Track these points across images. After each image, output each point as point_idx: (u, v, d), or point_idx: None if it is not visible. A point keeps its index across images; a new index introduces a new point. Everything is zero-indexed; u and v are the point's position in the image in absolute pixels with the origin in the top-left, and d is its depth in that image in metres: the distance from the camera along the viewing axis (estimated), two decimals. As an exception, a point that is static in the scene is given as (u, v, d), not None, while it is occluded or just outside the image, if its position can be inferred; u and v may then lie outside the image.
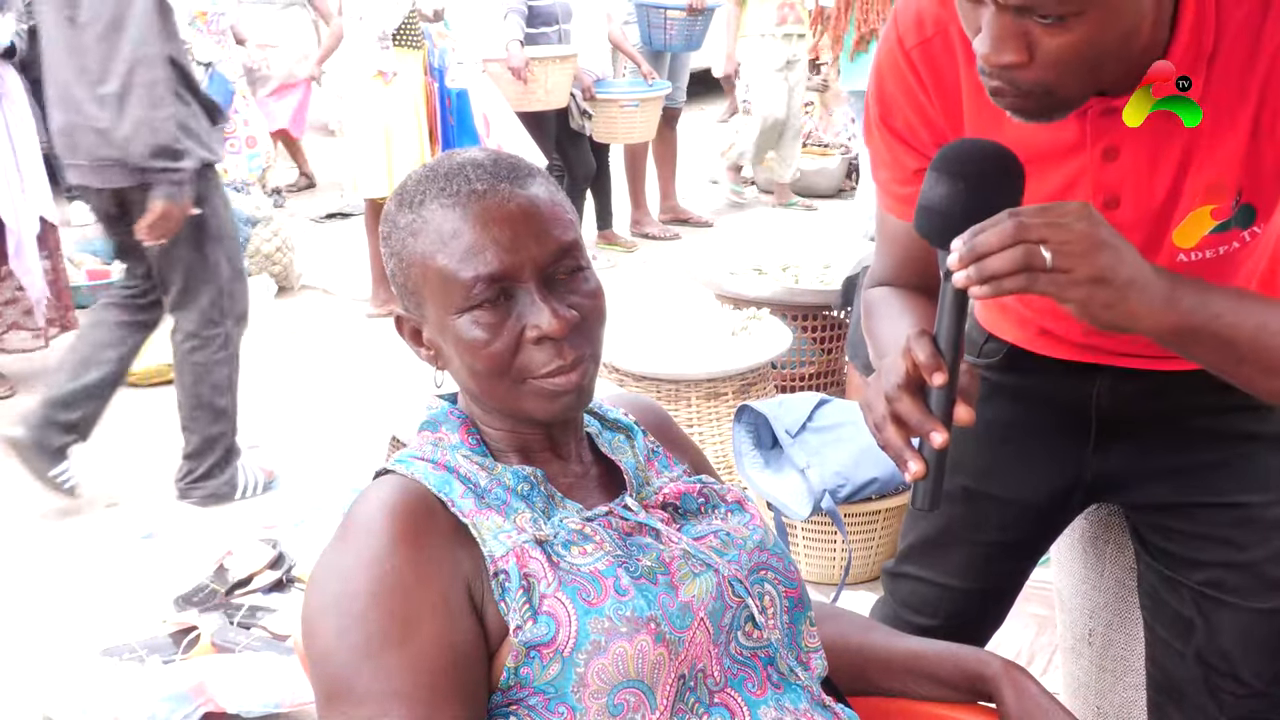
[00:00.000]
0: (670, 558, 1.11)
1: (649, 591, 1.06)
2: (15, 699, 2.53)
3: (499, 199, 1.08)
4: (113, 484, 3.64)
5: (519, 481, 1.12)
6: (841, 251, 4.20)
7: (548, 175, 1.15)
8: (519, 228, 1.07)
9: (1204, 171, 1.23)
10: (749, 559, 1.16)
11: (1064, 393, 1.52)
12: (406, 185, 1.13)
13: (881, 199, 1.43)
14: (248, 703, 2.40)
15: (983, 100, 1.25)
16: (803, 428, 2.91)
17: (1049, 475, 1.57)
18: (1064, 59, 1.08)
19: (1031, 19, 1.06)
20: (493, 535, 1.06)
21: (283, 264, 5.67)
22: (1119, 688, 1.89)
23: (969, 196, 1.07)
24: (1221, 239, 1.27)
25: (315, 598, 1.05)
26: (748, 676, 1.11)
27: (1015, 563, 1.66)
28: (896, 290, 1.42)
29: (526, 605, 1.03)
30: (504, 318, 1.08)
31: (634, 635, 1.03)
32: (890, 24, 1.33)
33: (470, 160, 1.12)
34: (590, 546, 1.08)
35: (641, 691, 1.02)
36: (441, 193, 1.09)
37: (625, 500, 1.15)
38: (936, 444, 1.07)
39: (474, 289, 1.06)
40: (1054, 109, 1.15)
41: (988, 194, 1.07)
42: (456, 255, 1.07)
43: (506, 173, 1.10)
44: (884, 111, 1.35)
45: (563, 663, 1.02)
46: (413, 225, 1.10)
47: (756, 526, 1.20)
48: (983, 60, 1.11)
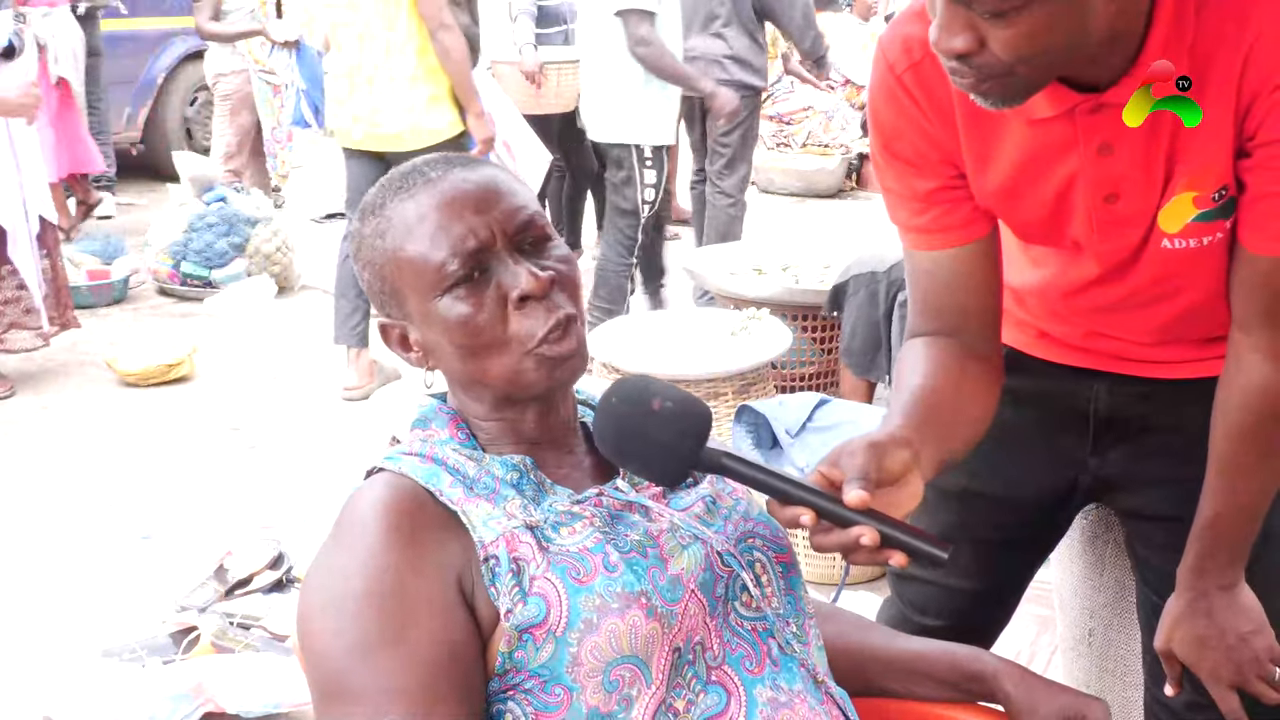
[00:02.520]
0: (658, 531, 1.12)
1: (638, 565, 1.07)
2: (15, 699, 2.53)
3: (456, 180, 1.13)
4: (113, 484, 3.64)
5: (508, 470, 1.12)
6: (842, 251, 4.20)
7: (499, 164, 1.18)
8: (481, 202, 1.11)
9: (1193, 161, 1.23)
10: (734, 528, 1.17)
11: (1063, 396, 1.53)
12: (366, 200, 1.18)
13: (904, 238, 1.41)
14: (248, 703, 2.40)
15: (976, 116, 1.26)
16: (803, 428, 2.91)
17: (1048, 476, 1.57)
18: (1011, 50, 1.09)
19: (976, 12, 1.08)
20: (482, 522, 1.06)
21: (283, 264, 5.67)
22: (1119, 688, 1.89)
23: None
24: (1206, 229, 1.28)
25: (310, 598, 1.05)
26: (746, 653, 1.12)
27: (1018, 563, 1.67)
28: (920, 345, 1.38)
29: (516, 588, 1.03)
30: (483, 289, 1.10)
31: (625, 611, 1.03)
32: (878, 54, 1.33)
33: (422, 160, 1.17)
34: (579, 525, 1.09)
35: (636, 666, 1.03)
36: (400, 190, 1.14)
37: (616, 483, 1.15)
38: (865, 543, 1.03)
39: (449, 267, 1.09)
40: (1014, 94, 1.15)
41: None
42: (425, 239, 1.10)
43: (458, 161, 1.15)
44: (885, 140, 1.35)
45: (556, 643, 1.02)
46: (378, 228, 1.14)
47: (740, 496, 1.21)
48: (933, 47, 1.13)
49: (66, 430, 4.07)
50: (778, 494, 1.07)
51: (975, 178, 1.33)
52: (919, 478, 1.13)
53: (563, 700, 1.02)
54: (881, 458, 1.09)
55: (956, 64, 1.12)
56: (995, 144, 1.29)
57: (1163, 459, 1.49)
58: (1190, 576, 1.39)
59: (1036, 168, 1.29)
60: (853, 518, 1.04)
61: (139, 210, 7.09)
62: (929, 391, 1.29)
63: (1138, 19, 1.16)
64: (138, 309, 5.47)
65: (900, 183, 1.37)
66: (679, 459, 1.08)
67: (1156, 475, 1.50)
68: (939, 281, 1.38)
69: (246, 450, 3.90)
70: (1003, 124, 1.27)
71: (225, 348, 4.87)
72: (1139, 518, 1.57)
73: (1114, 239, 1.32)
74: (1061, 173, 1.28)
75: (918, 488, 1.12)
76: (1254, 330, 1.28)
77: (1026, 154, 1.28)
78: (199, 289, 5.52)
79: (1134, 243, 1.32)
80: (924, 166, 1.34)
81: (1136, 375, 1.48)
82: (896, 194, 1.38)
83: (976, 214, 1.36)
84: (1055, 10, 1.06)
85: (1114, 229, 1.30)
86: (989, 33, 1.08)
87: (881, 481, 1.07)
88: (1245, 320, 1.29)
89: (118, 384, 4.48)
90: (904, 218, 1.39)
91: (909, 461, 1.11)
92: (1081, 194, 1.28)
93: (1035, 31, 1.07)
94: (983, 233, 1.37)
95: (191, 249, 5.56)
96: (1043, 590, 2.15)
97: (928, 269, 1.39)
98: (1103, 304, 1.43)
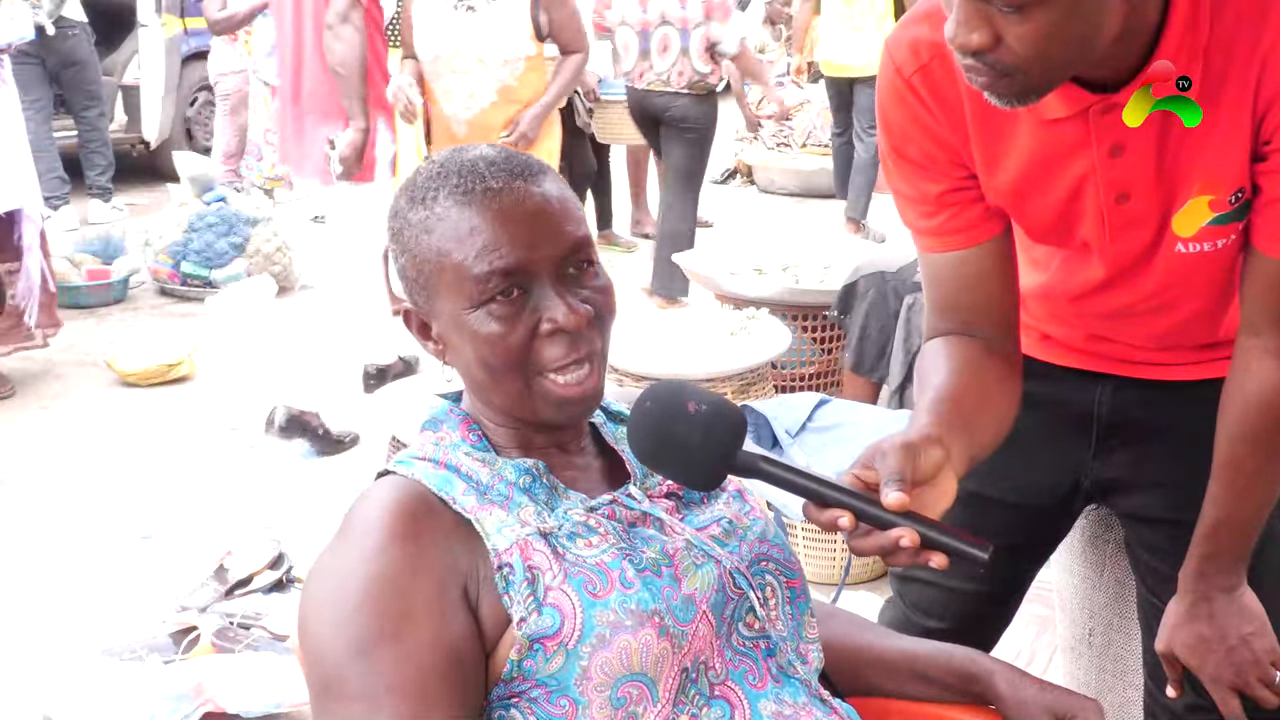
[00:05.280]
0: (674, 549, 1.12)
1: (653, 584, 1.07)
2: (15, 699, 2.53)
3: (515, 196, 1.09)
4: (113, 484, 3.64)
5: (520, 475, 1.12)
6: (842, 251, 4.20)
7: (556, 173, 1.15)
8: (535, 224, 1.08)
9: (1206, 165, 1.23)
10: (750, 550, 1.16)
11: (1067, 398, 1.52)
12: (416, 181, 1.13)
13: (917, 241, 1.41)
14: (248, 703, 2.40)
15: (987, 116, 1.26)
16: (803, 428, 2.91)
17: (1051, 479, 1.57)
18: (1028, 46, 1.08)
19: (994, 7, 1.07)
20: (496, 530, 1.06)
21: (283, 264, 5.67)
22: (1119, 688, 1.89)
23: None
24: (1220, 232, 1.28)
25: (311, 595, 1.05)
26: (749, 669, 1.12)
27: (1020, 565, 1.66)
28: (939, 345, 1.38)
29: (531, 597, 1.03)
30: (519, 311, 1.08)
31: (638, 629, 1.03)
32: (885, 57, 1.33)
33: (482, 157, 1.12)
34: (595, 539, 1.08)
35: (645, 685, 1.03)
36: (456, 189, 1.09)
37: (629, 489, 1.15)
38: (905, 545, 1.02)
39: (490, 283, 1.07)
40: (1028, 91, 1.15)
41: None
42: (473, 251, 1.07)
43: (520, 170, 1.11)
44: (895, 143, 1.35)
45: (566, 655, 1.02)
46: (426, 222, 1.10)
47: (757, 517, 1.21)
48: (949, 43, 1.12)
49: (66, 430, 4.07)
50: (815, 497, 1.06)
51: (985, 178, 1.33)
52: (952, 476, 1.12)
53: (567, 712, 1.02)
54: (916, 457, 1.08)
55: (972, 61, 1.12)
56: (1006, 144, 1.29)
57: (1165, 461, 1.49)
58: (1193, 579, 1.39)
59: (1048, 168, 1.29)
60: (891, 519, 1.03)
61: (139, 210, 7.09)
62: (953, 389, 1.28)
63: (1151, 18, 1.16)
64: (138, 309, 5.47)
65: (910, 185, 1.36)
66: (715, 463, 1.07)
67: (1158, 478, 1.50)
68: (954, 282, 1.37)
69: (246, 450, 3.90)
70: (1013, 124, 1.27)
71: (225, 348, 4.87)
72: (1140, 519, 1.57)
73: (1125, 240, 1.32)
74: (1073, 173, 1.28)
75: (951, 486, 1.12)
76: (1264, 333, 1.28)
77: (1037, 154, 1.28)
78: (199, 289, 5.52)
79: (1144, 244, 1.32)
80: (933, 168, 1.34)
81: (1140, 378, 1.48)
82: (907, 197, 1.38)
83: (988, 214, 1.35)
84: (1071, 5, 1.06)
85: (1125, 230, 1.30)
86: (1006, 28, 1.08)
87: (916, 481, 1.07)
88: (1256, 323, 1.29)
89: (118, 384, 4.48)
90: (915, 220, 1.39)
91: (941, 460, 1.11)
92: (1093, 195, 1.28)
93: (1052, 27, 1.07)
94: (995, 232, 1.36)
95: (191, 249, 5.56)
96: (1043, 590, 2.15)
97: (942, 271, 1.38)
98: (1107, 309, 1.42)
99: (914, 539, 1.01)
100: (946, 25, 1.12)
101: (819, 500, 1.05)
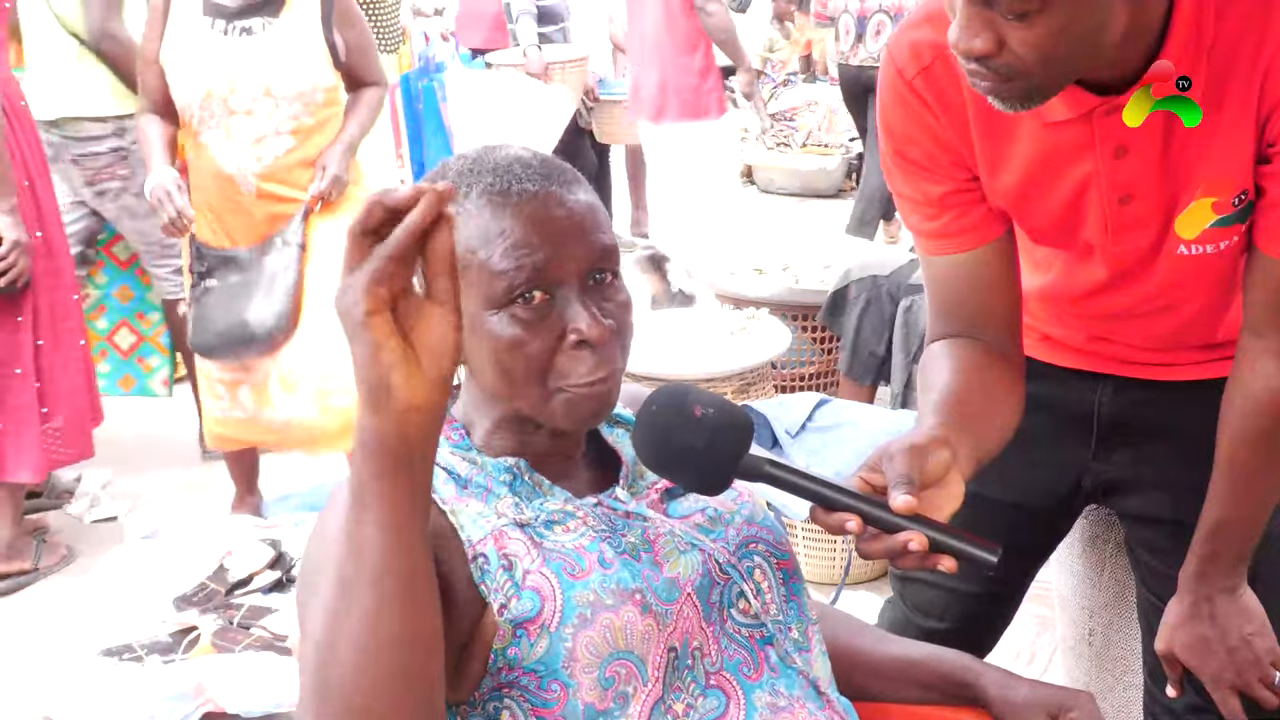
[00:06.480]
0: (654, 535, 1.12)
1: (632, 566, 1.07)
2: (15, 699, 2.53)
3: (550, 202, 1.08)
4: (112, 483, 3.64)
5: (502, 471, 1.12)
6: (842, 252, 4.20)
7: (586, 181, 1.14)
8: (567, 231, 1.07)
9: (1210, 167, 1.23)
10: (736, 533, 1.16)
11: (1067, 398, 1.53)
12: (446, 175, 1.12)
13: (919, 243, 1.41)
14: (248, 703, 2.39)
15: (989, 118, 1.26)
16: (803, 428, 2.91)
17: (1051, 479, 1.57)
18: (1031, 50, 1.09)
19: (998, 12, 1.08)
20: (471, 521, 1.06)
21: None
22: (1119, 688, 1.89)
23: None
24: (1223, 233, 1.28)
25: (301, 566, 1.06)
26: (744, 659, 1.12)
27: (1021, 565, 1.67)
28: (943, 347, 1.38)
29: (509, 583, 1.03)
30: (543, 317, 1.07)
31: (620, 607, 1.03)
32: (886, 59, 1.33)
33: (517, 159, 1.11)
34: (572, 524, 1.09)
35: (632, 663, 1.03)
36: (490, 188, 1.08)
37: (615, 492, 1.15)
38: (914, 548, 1.02)
39: (517, 286, 1.06)
40: (1032, 95, 1.15)
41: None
42: (500, 253, 1.06)
43: (555, 175, 1.10)
44: (897, 145, 1.35)
45: (550, 638, 1.02)
46: (456, 217, 1.10)
47: (745, 501, 1.20)
48: (953, 48, 1.12)
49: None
50: (823, 500, 1.06)
51: (988, 180, 1.33)
52: (959, 478, 1.12)
53: (559, 696, 1.02)
54: (923, 460, 1.08)
55: (976, 65, 1.12)
56: (1009, 146, 1.29)
57: (1165, 462, 1.49)
58: (1193, 579, 1.39)
59: (1051, 170, 1.29)
60: (899, 523, 1.02)
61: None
62: (958, 391, 1.28)
63: (1155, 20, 1.16)
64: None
65: (913, 187, 1.36)
66: (722, 467, 1.07)
67: (1158, 478, 1.50)
68: (957, 284, 1.38)
69: (246, 450, 3.89)
70: (1016, 126, 1.27)
71: (225, 347, 4.86)
72: (1140, 520, 1.57)
73: (1128, 241, 1.32)
74: (1076, 175, 1.28)
75: (959, 488, 1.12)
76: (1267, 334, 1.29)
77: (1041, 156, 1.28)
78: (199, 289, 5.51)
79: (1147, 246, 1.32)
80: (936, 170, 1.34)
81: (1141, 378, 1.48)
82: (909, 199, 1.38)
83: (990, 216, 1.36)
84: (1075, 10, 1.07)
85: (1129, 231, 1.30)
86: (1009, 33, 1.08)
87: (924, 484, 1.07)
88: (1259, 324, 1.29)
89: (118, 384, 4.48)
90: (918, 222, 1.39)
91: (949, 462, 1.11)
92: (1095, 197, 1.28)
93: (1055, 32, 1.07)
94: (998, 234, 1.36)
95: (192, 249, 5.56)
96: (1043, 590, 2.15)
97: (944, 273, 1.38)
98: (1109, 310, 1.43)
99: (922, 543, 1.01)
100: (950, 30, 1.12)
101: (827, 504, 1.05)
